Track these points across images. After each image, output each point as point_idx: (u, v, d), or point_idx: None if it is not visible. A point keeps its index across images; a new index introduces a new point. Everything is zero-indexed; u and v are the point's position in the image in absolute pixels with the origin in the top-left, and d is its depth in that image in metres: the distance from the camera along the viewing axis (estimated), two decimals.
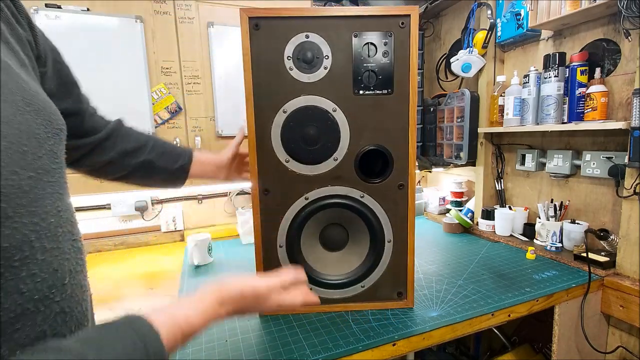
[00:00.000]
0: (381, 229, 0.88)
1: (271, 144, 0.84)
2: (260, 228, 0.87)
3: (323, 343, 0.78)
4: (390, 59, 0.82)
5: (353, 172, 0.86)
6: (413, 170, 0.87)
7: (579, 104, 1.13)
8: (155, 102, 1.24)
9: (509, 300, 0.93)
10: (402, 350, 0.80)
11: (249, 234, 1.47)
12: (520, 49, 1.41)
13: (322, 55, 0.81)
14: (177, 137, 1.28)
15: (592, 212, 1.21)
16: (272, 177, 0.85)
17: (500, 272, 1.11)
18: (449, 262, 1.22)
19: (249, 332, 0.83)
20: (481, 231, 1.50)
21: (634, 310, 0.98)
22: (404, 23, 0.80)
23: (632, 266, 1.03)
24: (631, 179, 1.01)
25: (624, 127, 0.99)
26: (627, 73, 1.08)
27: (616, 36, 1.10)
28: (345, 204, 0.87)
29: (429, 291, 1.00)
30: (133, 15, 1.19)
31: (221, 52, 1.31)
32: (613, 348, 1.07)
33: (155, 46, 1.23)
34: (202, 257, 1.26)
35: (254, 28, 0.79)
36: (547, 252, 1.23)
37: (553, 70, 1.16)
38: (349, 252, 0.93)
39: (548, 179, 1.36)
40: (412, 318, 0.87)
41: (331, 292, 0.90)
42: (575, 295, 1.02)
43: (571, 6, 1.10)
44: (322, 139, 0.84)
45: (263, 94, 0.82)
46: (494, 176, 1.56)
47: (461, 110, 1.49)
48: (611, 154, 1.11)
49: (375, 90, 0.83)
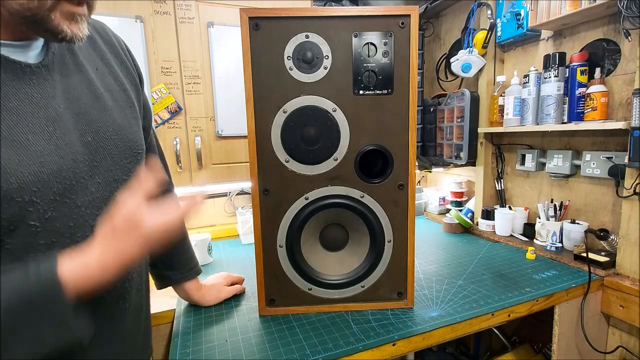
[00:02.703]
0: (381, 229, 0.88)
1: (271, 144, 0.84)
2: (260, 228, 0.87)
3: (323, 343, 0.78)
4: (390, 59, 0.82)
5: (353, 172, 0.86)
6: (413, 170, 0.87)
7: (579, 104, 1.13)
8: (155, 102, 1.24)
9: (509, 300, 0.93)
10: (402, 350, 0.80)
11: (249, 234, 1.46)
12: (520, 49, 1.41)
13: (322, 55, 0.81)
14: (177, 137, 1.28)
15: (592, 212, 1.21)
16: (272, 177, 0.85)
17: (500, 272, 1.11)
18: (449, 262, 1.22)
19: (249, 332, 0.83)
20: (481, 231, 1.50)
21: (634, 310, 0.98)
22: (404, 23, 0.80)
23: (632, 266, 1.03)
24: (631, 179, 1.01)
25: (624, 127, 0.99)
26: (627, 73, 1.08)
27: (616, 36, 1.10)
28: (345, 204, 0.87)
29: (429, 291, 1.00)
30: (133, 15, 1.18)
31: (221, 52, 1.31)
32: (613, 348, 1.07)
33: (155, 46, 1.22)
34: (202, 257, 1.26)
35: (254, 28, 0.79)
36: (547, 252, 1.23)
37: (553, 70, 1.16)
38: (349, 252, 0.93)
39: (548, 179, 1.36)
40: (412, 318, 0.87)
41: (331, 292, 0.90)
42: (575, 295, 1.02)
43: (571, 6, 1.10)
44: (322, 139, 0.84)
45: (263, 94, 0.82)
46: (494, 176, 1.56)
47: (461, 110, 1.49)
48: (611, 154, 1.11)
49: (375, 90, 0.83)
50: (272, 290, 0.90)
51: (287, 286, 0.90)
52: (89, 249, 0.45)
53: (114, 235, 0.45)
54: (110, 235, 0.46)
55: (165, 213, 0.48)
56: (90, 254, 0.44)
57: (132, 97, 0.61)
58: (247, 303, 0.97)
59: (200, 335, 0.83)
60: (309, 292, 0.90)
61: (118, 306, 0.57)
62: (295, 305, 0.91)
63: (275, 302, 0.91)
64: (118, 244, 0.45)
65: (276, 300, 0.91)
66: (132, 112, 0.60)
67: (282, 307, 0.91)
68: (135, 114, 0.61)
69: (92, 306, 0.49)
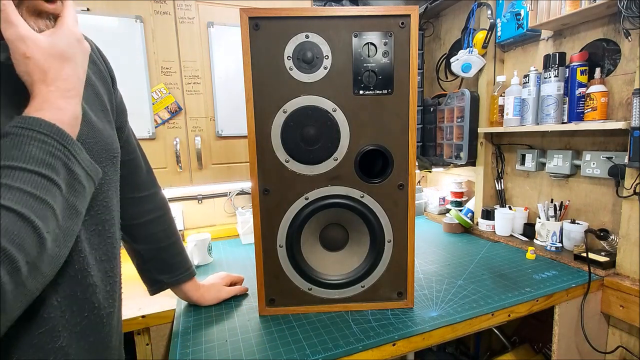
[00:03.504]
0: (381, 229, 0.88)
1: (271, 144, 0.84)
2: (260, 228, 0.87)
3: (323, 343, 0.78)
4: (390, 59, 0.82)
5: (353, 172, 0.86)
6: (413, 170, 0.87)
7: (579, 104, 1.13)
8: (155, 102, 1.24)
9: (509, 300, 0.93)
10: (402, 350, 0.80)
11: (249, 234, 1.47)
12: (520, 49, 1.41)
13: (322, 55, 0.81)
14: (177, 137, 1.28)
15: (592, 212, 1.21)
16: (272, 177, 0.85)
17: (500, 272, 1.11)
18: (449, 262, 1.22)
19: (249, 332, 0.83)
20: (481, 231, 1.50)
21: (634, 310, 0.98)
22: (404, 23, 0.80)
23: (632, 266, 1.03)
24: (631, 179, 1.01)
25: (624, 127, 0.99)
26: (627, 73, 1.07)
27: (616, 36, 1.10)
28: (345, 204, 0.87)
29: (429, 291, 1.00)
30: (133, 16, 1.18)
31: (221, 52, 1.31)
32: (613, 348, 1.07)
33: (155, 46, 1.23)
34: (202, 257, 1.26)
35: (254, 28, 0.79)
36: (547, 252, 1.23)
37: (553, 70, 1.16)
38: (349, 252, 0.93)
39: (548, 179, 1.36)
40: (412, 318, 0.87)
41: (331, 292, 0.90)
42: (575, 295, 1.02)
43: (571, 6, 1.10)
44: (322, 139, 0.84)
45: (263, 94, 0.82)
46: (494, 176, 1.56)
47: (461, 110, 1.49)
48: (611, 154, 1.11)
49: (375, 90, 0.83)
50: (272, 290, 0.90)
51: (287, 286, 0.90)
52: (40, 97, 0.42)
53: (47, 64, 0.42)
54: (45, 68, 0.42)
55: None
56: (46, 97, 0.42)
57: (105, 100, 0.60)
58: (247, 303, 0.97)
59: (200, 335, 0.83)
60: (309, 292, 0.90)
61: (105, 309, 0.54)
62: (295, 305, 0.91)
63: (275, 302, 0.91)
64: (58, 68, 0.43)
65: (276, 300, 0.91)
66: (105, 116, 0.59)
67: (282, 307, 0.91)
68: (109, 118, 0.60)
69: (77, 306, 0.49)
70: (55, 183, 0.39)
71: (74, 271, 0.48)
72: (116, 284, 0.58)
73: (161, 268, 0.85)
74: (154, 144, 1.26)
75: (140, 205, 0.80)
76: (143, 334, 0.96)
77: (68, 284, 0.48)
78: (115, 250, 0.58)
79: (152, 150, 1.25)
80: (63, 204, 0.40)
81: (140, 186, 0.80)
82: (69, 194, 0.41)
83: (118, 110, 0.68)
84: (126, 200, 0.77)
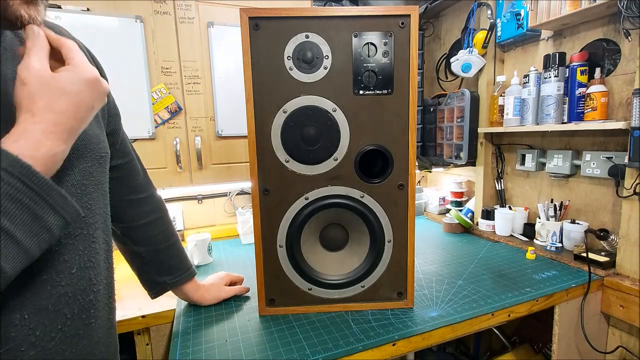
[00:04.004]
0: (381, 229, 0.88)
1: (271, 144, 0.84)
2: (260, 228, 0.87)
3: (323, 343, 0.78)
4: (390, 59, 0.82)
5: (353, 172, 0.86)
6: (413, 170, 0.87)
7: (579, 104, 1.13)
8: (155, 102, 1.24)
9: (509, 300, 0.93)
10: (402, 350, 0.80)
11: (249, 234, 1.47)
12: (520, 49, 1.41)
13: (322, 55, 0.81)
14: (177, 137, 1.28)
15: (592, 212, 1.21)
16: (272, 177, 0.85)
17: (500, 272, 1.11)
18: (449, 262, 1.22)
19: (249, 332, 0.83)
20: (481, 231, 1.50)
21: (634, 310, 0.98)
22: (404, 23, 0.80)
23: (632, 266, 1.03)
24: (631, 179, 1.01)
25: (624, 127, 0.99)
26: (627, 73, 1.07)
27: (616, 36, 1.10)
28: (345, 204, 0.87)
29: (429, 291, 1.00)
30: (133, 16, 1.18)
31: (221, 52, 1.31)
32: (613, 348, 1.07)
33: (155, 46, 1.23)
34: (202, 257, 1.26)
35: (254, 28, 0.79)
36: (547, 252, 1.23)
37: (553, 70, 1.16)
38: (349, 252, 0.93)
39: (548, 179, 1.36)
40: (412, 318, 0.87)
41: (331, 292, 0.90)
42: (575, 295, 1.02)
43: (571, 6, 1.10)
44: (322, 139, 0.84)
45: (263, 94, 0.82)
46: (494, 176, 1.56)
47: (461, 110, 1.49)
48: (611, 154, 1.11)
49: (375, 90, 0.83)
50: (272, 290, 0.90)
51: (287, 286, 0.90)
52: (23, 127, 0.39)
53: (41, 93, 0.40)
54: (36, 97, 0.40)
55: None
56: (29, 127, 0.39)
57: None
58: (247, 303, 0.97)
59: (200, 335, 0.83)
60: (309, 292, 0.90)
61: (82, 321, 0.51)
62: (295, 305, 0.91)
63: (275, 302, 0.91)
64: (50, 98, 0.41)
65: (276, 300, 0.91)
66: (93, 117, 0.56)
67: (282, 307, 0.91)
68: (97, 118, 0.58)
69: (49, 320, 0.46)
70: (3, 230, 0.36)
71: (41, 282, 0.45)
72: (100, 292, 0.54)
73: (161, 270, 0.85)
74: (154, 144, 1.26)
75: (139, 207, 0.80)
76: (143, 334, 0.96)
77: (37, 297, 0.45)
78: (98, 257, 0.54)
79: (152, 150, 1.25)
80: (13, 249, 0.37)
81: (138, 188, 0.80)
82: (25, 238, 0.38)
83: (110, 113, 0.67)
84: (125, 203, 0.77)
